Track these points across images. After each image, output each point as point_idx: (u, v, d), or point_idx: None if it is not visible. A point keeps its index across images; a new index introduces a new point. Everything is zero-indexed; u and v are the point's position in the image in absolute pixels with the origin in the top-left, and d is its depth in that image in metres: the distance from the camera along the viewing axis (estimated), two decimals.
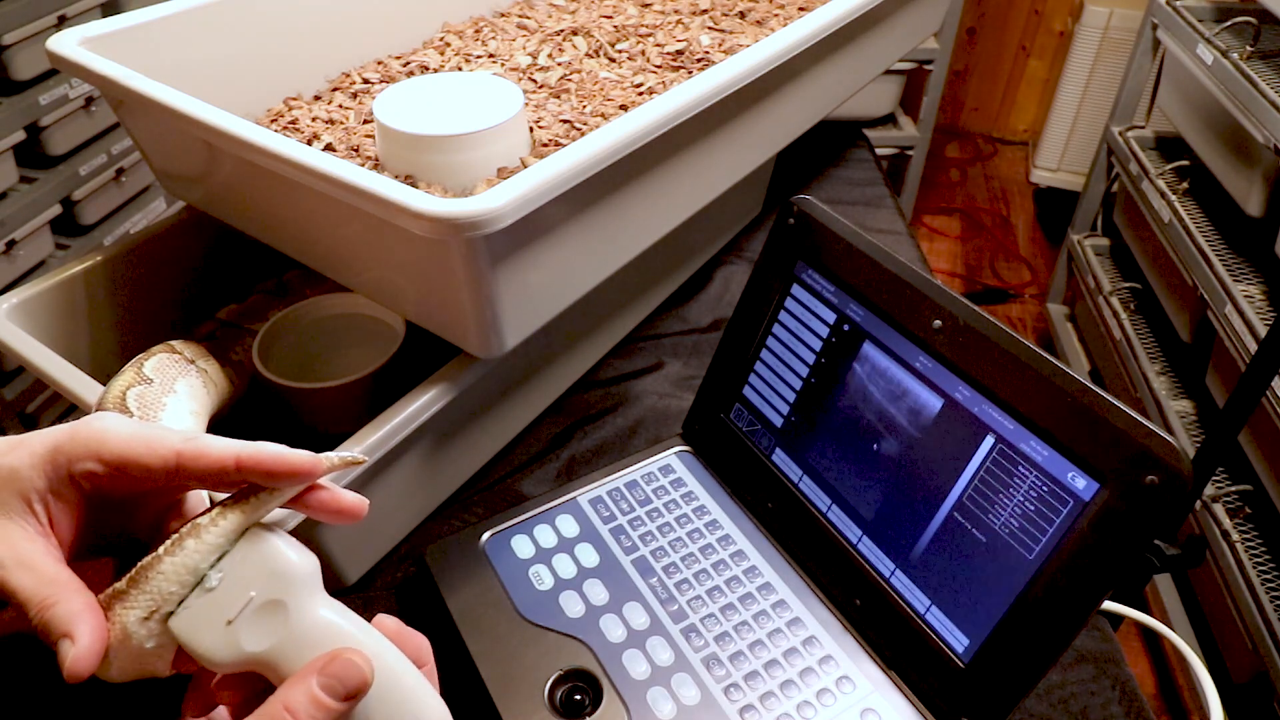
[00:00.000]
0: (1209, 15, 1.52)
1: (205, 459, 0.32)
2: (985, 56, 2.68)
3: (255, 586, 0.32)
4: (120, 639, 0.32)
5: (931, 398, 0.48)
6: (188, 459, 0.32)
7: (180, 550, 0.32)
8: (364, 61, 0.73)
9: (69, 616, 0.31)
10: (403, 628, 0.35)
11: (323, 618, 0.32)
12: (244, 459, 0.32)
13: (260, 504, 0.33)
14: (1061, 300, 2.04)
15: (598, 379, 0.74)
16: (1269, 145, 1.25)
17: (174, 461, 0.32)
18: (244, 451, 0.32)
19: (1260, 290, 1.29)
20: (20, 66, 1.07)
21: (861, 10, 0.70)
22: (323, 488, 0.34)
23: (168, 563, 0.31)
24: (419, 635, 0.35)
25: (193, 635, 0.32)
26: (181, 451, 0.32)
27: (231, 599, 0.32)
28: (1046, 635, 0.43)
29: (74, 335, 0.62)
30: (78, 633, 0.31)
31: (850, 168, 1.07)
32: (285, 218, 0.57)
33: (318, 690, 0.30)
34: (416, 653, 0.34)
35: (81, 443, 0.32)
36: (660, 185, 0.58)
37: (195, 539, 0.32)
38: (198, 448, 0.32)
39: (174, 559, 0.31)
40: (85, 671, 0.31)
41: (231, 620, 0.32)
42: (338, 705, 0.30)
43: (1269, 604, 1.15)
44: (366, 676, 0.31)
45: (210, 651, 0.32)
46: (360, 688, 0.31)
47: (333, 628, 0.32)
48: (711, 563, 0.55)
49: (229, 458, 0.32)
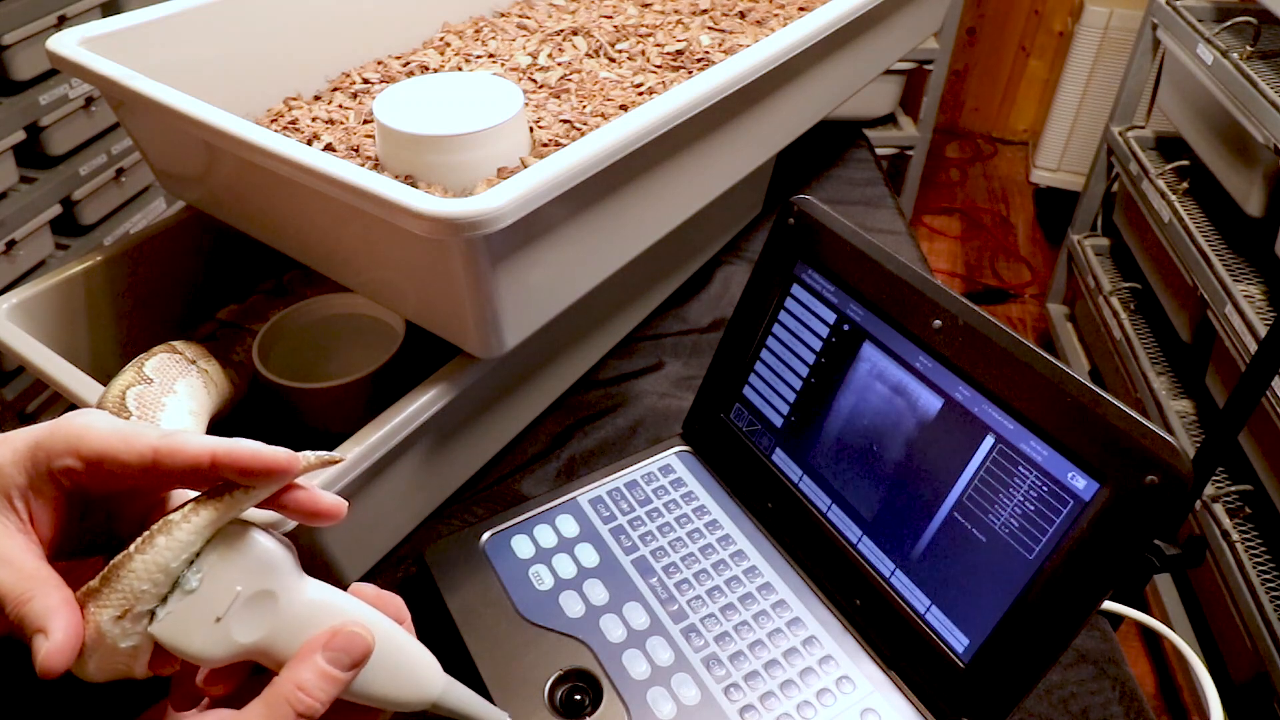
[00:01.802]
0: (1209, 15, 1.52)
1: (181, 455, 0.32)
2: (985, 56, 2.68)
3: (241, 581, 0.32)
4: (95, 637, 0.31)
5: (931, 398, 0.48)
6: (164, 455, 0.32)
7: (151, 548, 0.31)
8: (364, 61, 0.73)
9: (44, 612, 0.31)
10: (380, 591, 0.36)
11: (311, 598, 0.33)
12: (219, 455, 0.32)
13: (235, 501, 0.32)
14: (1061, 300, 2.04)
15: (598, 379, 0.74)
16: (1269, 145, 1.25)
17: (150, 457, 0.32)
18: (220, 448, 0.32)
19: (1260, 290, 1.29)
20: (20, 66, 1.07)
21: (861, 10, 0.70)
22: (300, 487, 0.34)
23: (138, 560, 0.31)
24: (395, 596, 0.36)
25: (181, 638, 0.32)
26: (158, 448, 0.32)
27: (217, 596, 0.32)
28: (1046, 635, 0.43)
29: (74, 335, 0.62)
30: (52, 628, 0.30)
31: (850, 168, 1.07)
32: (285, 218, 0.57)
33: (325, 664, 0.31)
34: (398, 612, 0.36)
35: (61, 439, 0.32)
36: (660, 185, 0.58)
37: (166, 535, 0.31)
38: (174, 444, 0.32)
39: (145, 556, 0.31)
40: (58, 667, 0.30)
41: (221, 617, 0.32)
42: (345, 675, 0.32)
43: (1269, 604, 1.15)
44: (369, 644, 0.32)
45: (202, 650, 0.32)
46: (365, 655, 0.32)
47: (323, 605, 0.33)
48: (711, 563, 0.55)
49: (204, 454, 0.32)
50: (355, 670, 0.32)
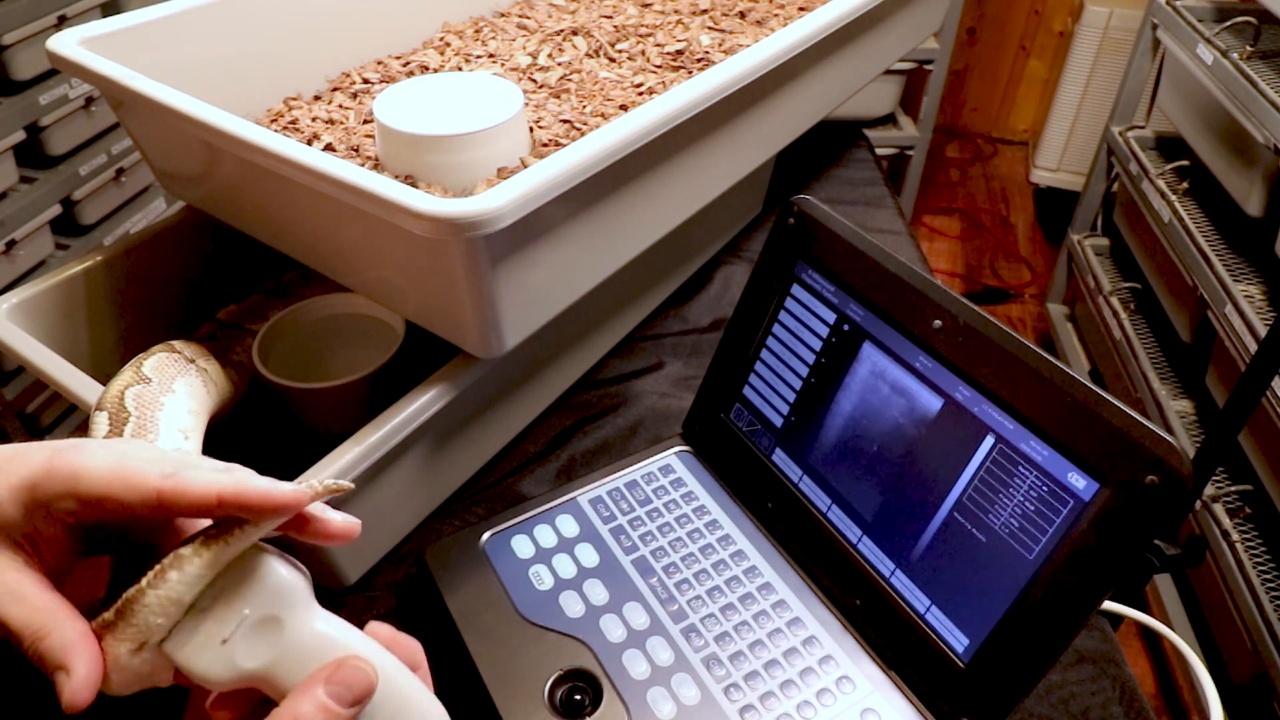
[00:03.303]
0: (1209, 15, 1.52)
1: (186, 497, 0.31)
2: (985, 56, 2.68)
3: (249, 605, 0.32)
4: (114, 666, 0.32)
5: (931, 398, 0.48)
6: (168, 497, 0.31)
7: (163, 584, 0.31)
8: (364, 61, 0.73)
9: (63, 648, 0.31)
10: (395, 633, 0.35)
11: (318, 630, 0.32)
12: (226, 496, 0.31)
13: (245, 535, 0.32)
14: (1061, 300, 2.04)
15: (598, 379, 0.74)
16: (1269, 145, 1.25)
17: (154, 499, 0.31)
18: (226, 489, 0.32)
19: (1260, 290, 1.29)
20: (20, 66, 1.07)
21: (861, 10, 0.70)
22: (309, 517, 0.34)
23: (151, 596, 0.31)
24: (412, 640, 0.35)
25: (188, 657, 0.32)
26: (162, 490, 0.31)
27: (225, 619, 0.32)
28: (1046, 635, 0.43)
29: (74, 335, 0.62)
30: (73, 665, 0.31)
31: (850, 168, 1.07)
32: (285, 218, 0.57)
33: (325, 698, 0.31)
34: (411, 657, 0.35)
35: (59, 480, 0.32)
36: (660, 185, 0.58)
37: (178, 570, 0.31)
38: (178, 485, 0.31)
39: (157, 592, 0.31)
40: (83, 703, 0.31)
41: (226, 639, 0.32)
42: (345, 711, 0.31)
43: (1269, 604, 1.15)
44: (372, 681, 0.31)
45: (207, 671, 0.32)
46: (366, 692, 0.31)
47: (329, 639, 0.32)
48: (711, 563, 0.55)
49: (210, 495, 0.31)
50: (357, 708, 0.31)
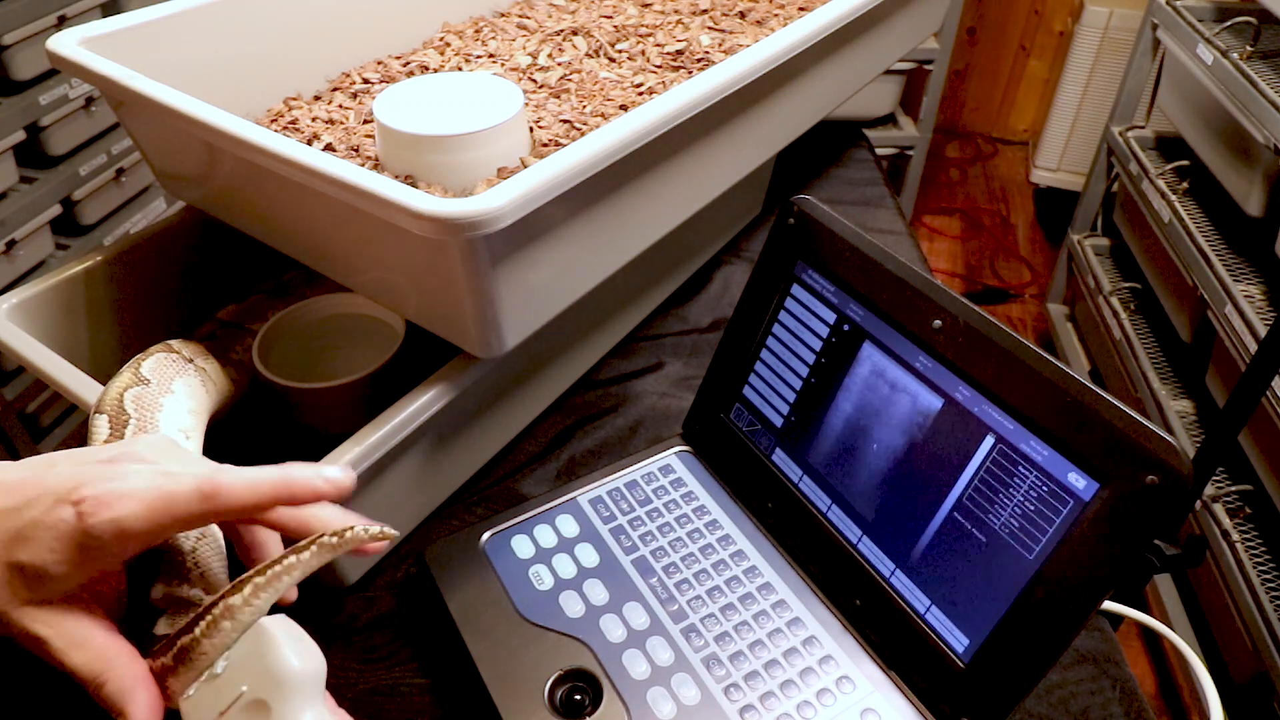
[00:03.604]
0: (1209, 15, 1.52)
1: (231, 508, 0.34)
2: (985, 56, 2.68)
3: (248, 681, 0.33)
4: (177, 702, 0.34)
5: (931, 398, 0.48)
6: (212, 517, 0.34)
7: (218, 633, 0.33)
8: (364, 61, 0.73)
9: (121, 694, 0.32)
10: None
11: None
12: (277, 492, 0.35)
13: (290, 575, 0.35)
14: (1061, 300, 2.04)
15: (598, 379, 0.74)
16: (1269, 145, 1.25)
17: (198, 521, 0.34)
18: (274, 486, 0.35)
19: (1260, 290, 1.29)
20: (20, 66, 1.07)
21: (861, 10, 0.70)
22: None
23: (207, 644, 0.33)
24: None
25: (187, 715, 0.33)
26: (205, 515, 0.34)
27: (228, 689, 0.33)
28: (1046, 635, 0.43)
29: (74, 335, 0.62)
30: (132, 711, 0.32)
31: (850, 168, 1.07)
32: (285, 218, 0.57)
33: None
34: None
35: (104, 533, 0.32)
36: (660, 185, 0.58)
37: (230, 620, 0.33)
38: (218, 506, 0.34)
39: (212, 641, 0.33)
40: None
41: (223, 713, 0.32)
42: None
43: (1269, 604, 1.15)
44: None
45: None
46: None
47: None
48: (711, 563, 0.55)
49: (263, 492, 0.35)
50: None
